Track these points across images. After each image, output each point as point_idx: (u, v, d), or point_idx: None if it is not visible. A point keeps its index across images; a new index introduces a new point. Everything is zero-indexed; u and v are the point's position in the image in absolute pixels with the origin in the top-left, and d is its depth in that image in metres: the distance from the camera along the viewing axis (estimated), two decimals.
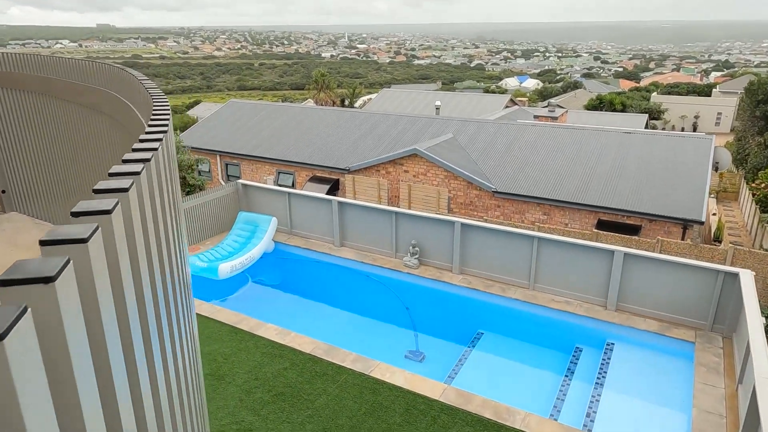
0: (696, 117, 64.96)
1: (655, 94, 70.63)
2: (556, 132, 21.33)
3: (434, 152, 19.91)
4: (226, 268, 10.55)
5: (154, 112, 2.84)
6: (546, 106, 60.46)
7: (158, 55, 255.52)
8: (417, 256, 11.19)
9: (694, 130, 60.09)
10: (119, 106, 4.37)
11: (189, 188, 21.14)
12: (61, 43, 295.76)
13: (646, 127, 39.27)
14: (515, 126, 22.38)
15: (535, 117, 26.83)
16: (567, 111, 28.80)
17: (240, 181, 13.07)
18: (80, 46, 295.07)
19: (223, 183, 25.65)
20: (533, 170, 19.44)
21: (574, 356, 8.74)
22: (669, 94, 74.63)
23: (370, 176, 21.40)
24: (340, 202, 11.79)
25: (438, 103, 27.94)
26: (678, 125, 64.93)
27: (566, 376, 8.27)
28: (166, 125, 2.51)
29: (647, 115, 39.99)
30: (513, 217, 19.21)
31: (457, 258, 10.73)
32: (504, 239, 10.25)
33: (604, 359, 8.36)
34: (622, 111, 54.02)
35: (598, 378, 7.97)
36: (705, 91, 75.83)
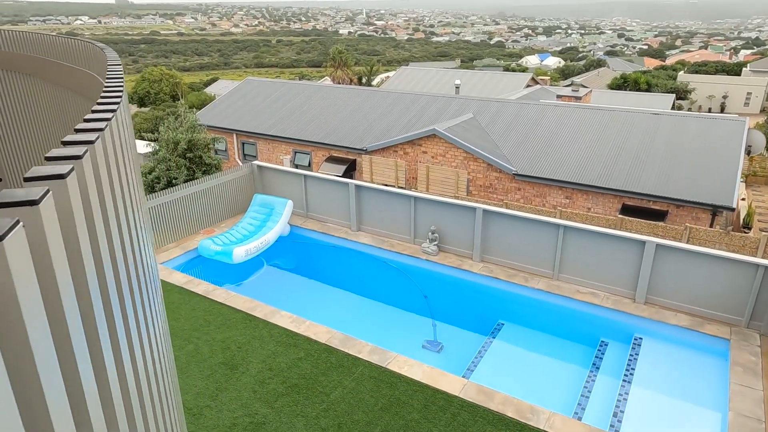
0: (724, 97, 62.79)
1: (681, 73, 68.37)
2: (580, 113, 20.59)
3: (453, 133, 19.39)
4: (240, 252, 10.34)
5: (107, 83, 2.76)
6: (569, 86, 58.98)
7: (176, 31, 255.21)
8: (436, 243, 10.84)
9: (722, 110, 58.15)
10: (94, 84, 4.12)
11: (205, 167, 20.97)
12: (80, 20, 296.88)
13: (673, 107, 38.00)
14: (537, 106, 21.67)
15: (558, 97, 26.00)
16: (591, 91, 27.86)
17: (255, 162, 12.79)
18: (99, 22, 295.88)
19: (239, 162, 25.46)
20: (556, 152, 18.83)
21: (599, 351, 8.38)
22: (696, 73, 72.20)
23: (387, 157, 20.99)
24: (357, 186, 11.44)
25: (458, 82, 27.23)
26: (705, 105, 62.88)
27: (591, 371, 7.93)
28: (120, 95, 2.44)
29: (674, 95, 38.59)
30: (534, 201, 18.71)
31: (478, 245, 10.36)
32: (528, 227, 9.83)
33: (631, 355, 7.99)
34: (647, 90, 52.43)
35: (625, 375, 7.62)
36: (734, 70, 73.14)
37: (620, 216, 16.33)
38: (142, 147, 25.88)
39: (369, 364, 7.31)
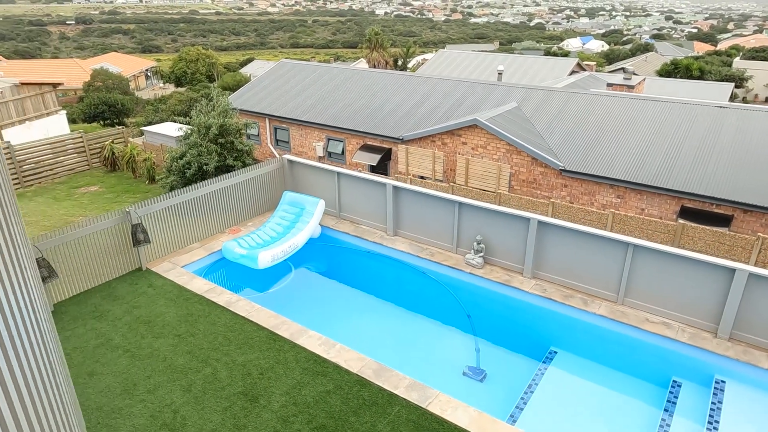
0: None
1: (737, 59, 64.20)
2: (634, 104, 18.92)
3: (496, 123, 18.08)
4: (266, 257, 9.51)
5: None
6: (619, 71, 56.00)
7: (214, 11, 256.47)
8: (482, 254, 9.75)
9: None
10: None
11: (236, 153, 20.28)
12: None
13: (732, 97, 35.39)
14: (587, 96, 20.07)
15: (609, 85, 24.18)
16: (644, 79, 25.88)
17: (286, 156, 11.88)
18: (141, 1, 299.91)
19: (271, 146, 24.74)
20: (606, 147, 17.33)
21: (671, 393, 7.23)
22: (753, 59, 67.75)
23: (424, 147, 19.85)
24: (395, 186, 10.38)
25: (501, 68, 25.67)
26: (762, 94, 59.00)
27: (663, 418, 6.82)
28: None
29: (732, 83, 35.87)
30: (581, 199, 17.33)
31: (530, 259, 9.23)
32: (589, 242, 8.63)
33: (714, 402, 6.82)
34: (700, 78, 49.28)
35: (708, 427, 6.47)
36: None
37: (681, 221, 14.87)
38: (174, 130, 25.44)
39: (407, 403, 6.38)
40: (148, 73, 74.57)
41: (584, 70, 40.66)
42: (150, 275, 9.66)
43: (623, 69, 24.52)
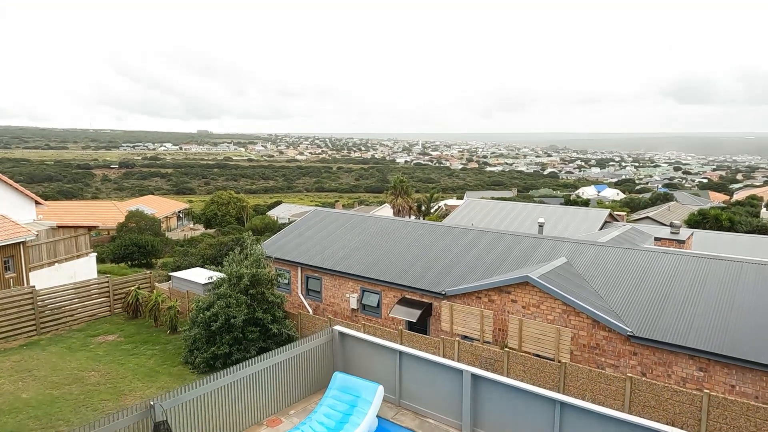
0: None
1: (764, 210, 64.16)
2: (699, 262, 17.57)
3: (549, 281, 16.74)
4: None
5: None
6: (645, 219, 55.79)
7: (246, 157, 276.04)
8: None
9: None
10: None
11: (267, 305, 19.01)
12: (164, 146, 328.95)
13: None
14: (644, 253, 18.88)
15: (656, 239, 23.19)
16: (693, 234, 24.95)
17: (337, 328, 10.47)
18: (180, 148, 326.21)
19: (301, 296, 23.50)
20: (677, 310, 15.64)
21: None
22: None
23: (469, 303, 18.38)
24: (475, 375, 8.61)
25: (541, 220, 25.12)
26: None
27: None
28: None
29: None
30: (655, 370, 15.19)
31: None
32: None
33: None
34: (730, 228, 48.52)
35: None
36: None
37: None
38: (202, 277, 24.61)
39: None
40: (180, 215, 77.32)
41: (616, 220, 40.34)
42: None
43: (671, 223, 23.70)
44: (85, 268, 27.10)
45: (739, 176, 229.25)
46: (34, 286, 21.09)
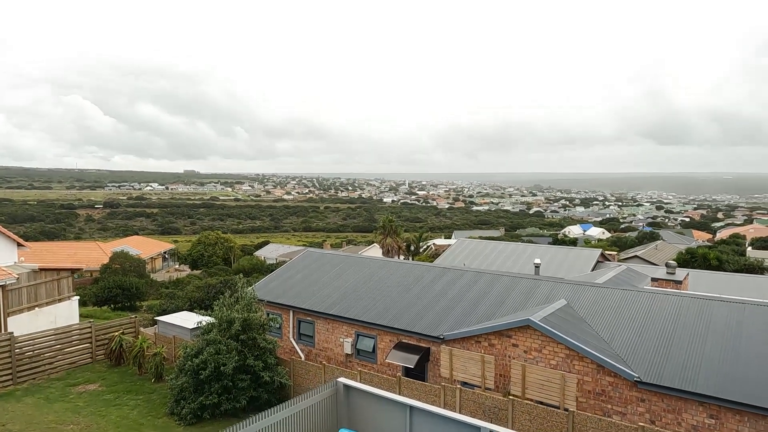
0: None
1: (749, 249, 64.99)
2: (702, 304, 17.28)
3: (551, 324, 16.31)
4: None
5: None
6: (633, 258, 55.89)
7: (233, 197, 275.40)
8: None
9: None
10: None
11: (258, 351, 18.22)
12: (150, 186, 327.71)
13: None
14: (645, 294, 18.60)
15: (653, 280, 22.99)
16: (688, 274, 24.85)
17: (341, 380, 9.88)
18: (167, 188, 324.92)
19: (293, 341, 22.69)
20: (684, 354, 15.23)
21: None
22: (764, 248, 68.57)
23: (468, 348, 17.80)
24: None
25: (537, 261, 24.87)
26: None
27: None
28: None
29: None
30: (664, 417, 14.65)
31: None
32: None
33: None
34: (719, 267, 48.79)
35: None
36: None
37: None
38: (190, 321, 23.71)
39: None
40: (166, 255, 75.85)
41: (608, 259, 40.27)
42: None
43: (667, 264, 23.61)
44: (67, 312, 26.03)
45: (719, 215, 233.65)
46: (12, 333, 20.08)
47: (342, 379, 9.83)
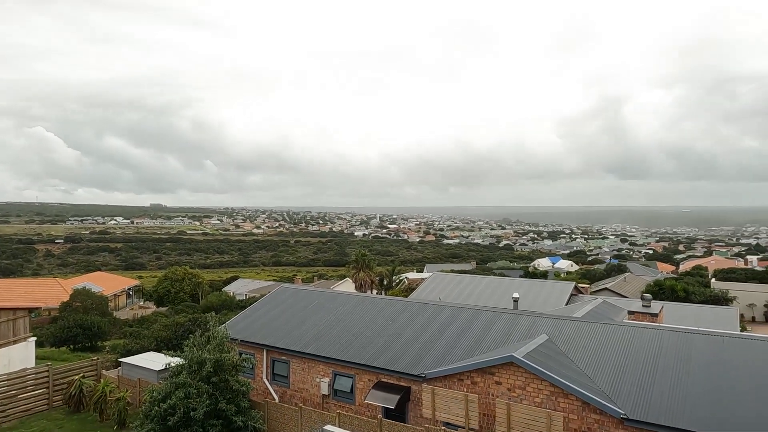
0: (767, 306, 60.08)
1: (713, 280, 66.70)
2: (683, 338, 17.27)
3: (535, 361, 15.99)
4: None
5: None
6: (603, 291, 56.57)
7: (201, 231, 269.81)
8: None
9: None
10: None
11: (231, 395, 17.25)
12: (115, 220, 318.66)
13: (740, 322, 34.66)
14: (626, 328, 18.52)
15: (630, 313, 23.11)
16: (663, 307, 25.10)
17: (328, 428, 9.33)
18: (132, 222, 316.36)
19: (266, 382, 21.68)
20: (671, 390, 15.08)
21: None
22: (726, 280, 70.52)
23: (450, 386, 17.26)
24: None
25: (516, 294, 24.76)
26: (747, 314, 59.71)
27: None
28: None
29: (737, 308, 35.59)
30: None
31: None
32: None
33: None
34: (686, 299, 49.84)
35: None
36: (766, 277, 71.48)
37: None
38: (156, 362, 22.48)
39: None
40: (130, 292, 72.97)
41: (581, 292, 40.60)
42: None
43: (642, 296, 23.84)
44: (22, 354, 24.38)
45: (680, 247, 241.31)
46: None
47: (329, 427, 9.26)
